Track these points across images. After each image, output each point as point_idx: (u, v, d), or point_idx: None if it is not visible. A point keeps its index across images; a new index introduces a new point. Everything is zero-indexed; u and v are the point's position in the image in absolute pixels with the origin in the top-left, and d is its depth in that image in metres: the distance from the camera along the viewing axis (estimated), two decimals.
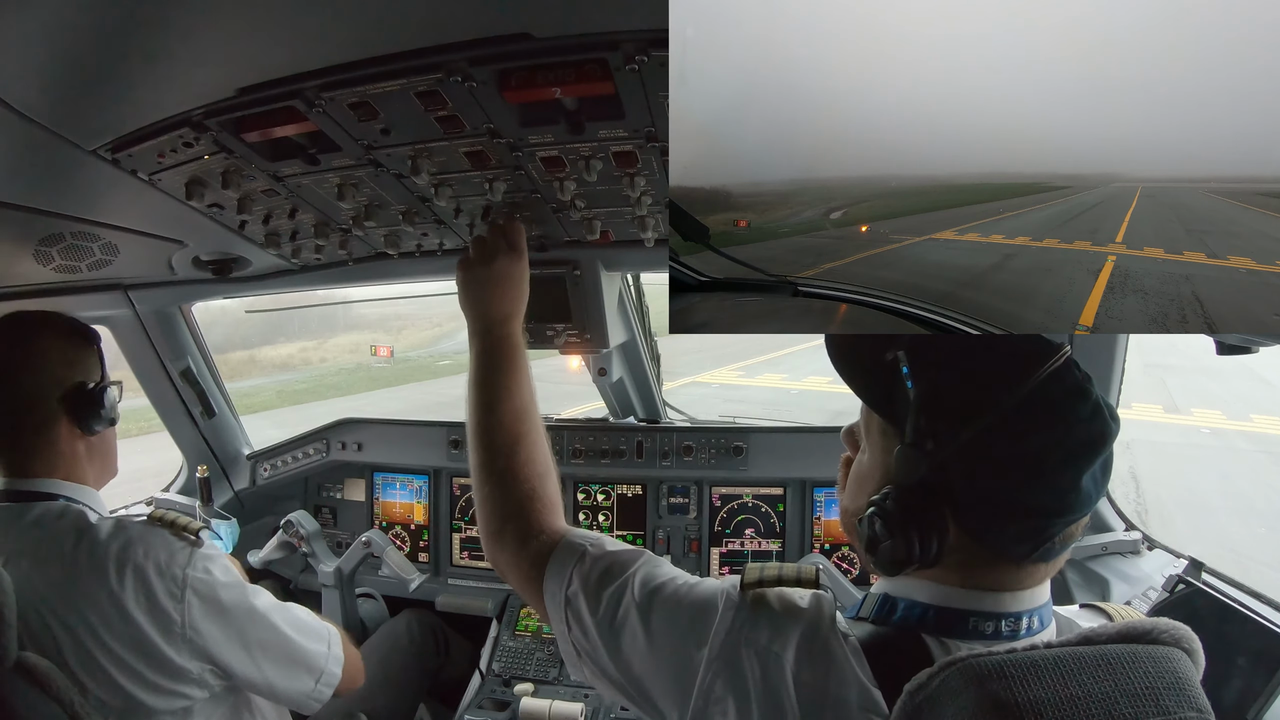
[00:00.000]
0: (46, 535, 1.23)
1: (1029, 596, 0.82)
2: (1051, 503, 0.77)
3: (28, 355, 1.31)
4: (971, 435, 0.78)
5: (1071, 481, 0.77)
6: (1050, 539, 0.79)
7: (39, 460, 1.32)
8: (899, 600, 0.85)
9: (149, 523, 1.28)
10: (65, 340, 1.37)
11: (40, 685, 0.98)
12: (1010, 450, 0.78)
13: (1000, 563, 0.81)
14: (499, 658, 2.29)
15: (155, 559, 1.22)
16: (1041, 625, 0.83)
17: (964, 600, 0.82)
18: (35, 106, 0.94)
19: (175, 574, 1.22)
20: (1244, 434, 10.98)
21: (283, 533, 2.26)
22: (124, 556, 1.20)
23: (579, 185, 1.31)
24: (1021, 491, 0.78)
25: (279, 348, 19.88)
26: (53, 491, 1.32)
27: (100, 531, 1.23)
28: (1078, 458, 0.77)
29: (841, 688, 0.77)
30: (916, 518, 0.81)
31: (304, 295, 2.36)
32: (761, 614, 0.84)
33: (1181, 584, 1.57)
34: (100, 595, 1.17)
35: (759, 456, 2.36)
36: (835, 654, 0.79)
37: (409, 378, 16.80)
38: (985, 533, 0.80)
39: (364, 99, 0.99)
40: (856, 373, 0.92)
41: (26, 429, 1.31)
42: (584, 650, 0.96)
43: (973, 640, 0.81)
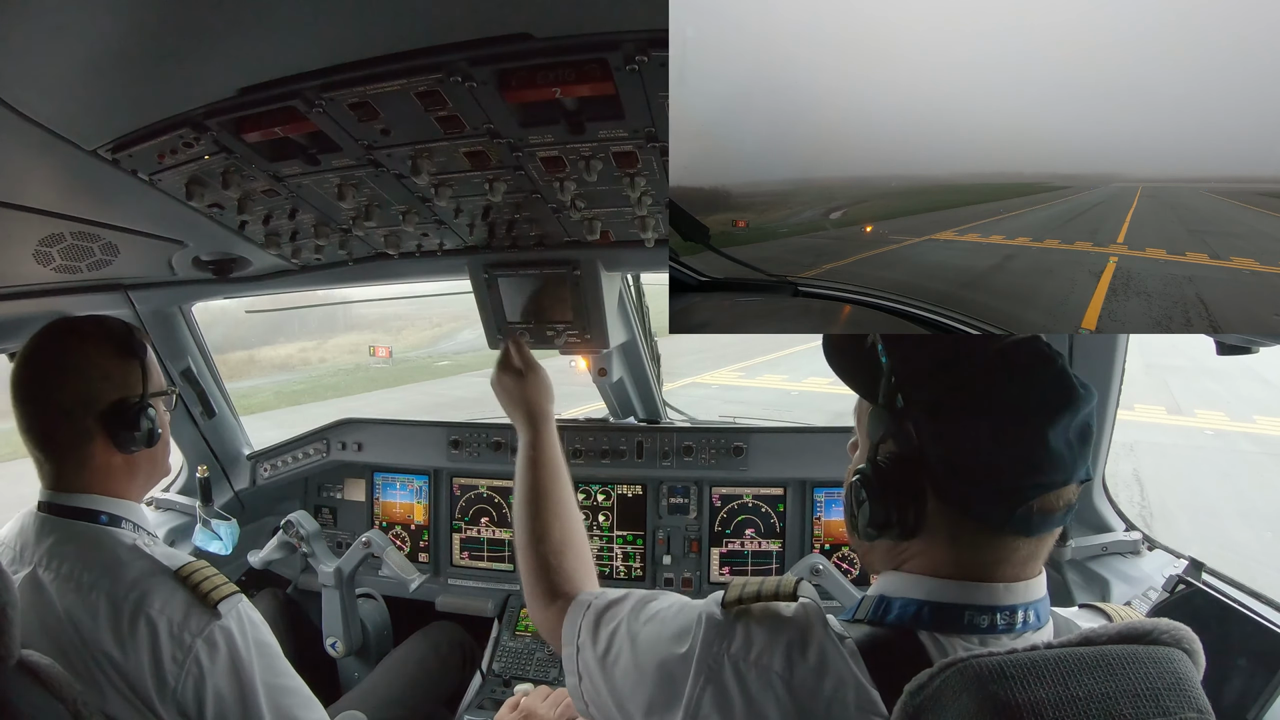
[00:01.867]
0: (73, 561, 1.20)
1: (1023, 590, 0.82)
2: (1017, 463, 0.78)
3: (65, 369, 1.26)
4: (938, 397, 0.81)
5: (1036, 439, 0.77)
6: (1023, 504, 0.78)
7: (76, 475, 1.28)
8: (894, 600, 0.85)
9: (176, 576, 1.21)
10: (106, 353, 1.30)
11: (43, 684, 0.98)
12: (975, 409, 0.80)
13: (983, 537, 0.81)
14: (499, 658, 2.29)
15: (169, 617, 1.17)
16: (1038, 620, 0.83)
17: (957, 594, 0.82)
18: (36, 107, 0.94)
19: (184, 640, 1.16)
20: (1247, 435, 10.95)
21: (283, 533, 2.27)
22: (139, 606, 1.16)
23: (579, 185, 1.31)
24: (987, 452, 0.79)
25: (278, 348, 19.83)
26: (92, 507, 1.28)
27: (126, 572, 1.19)
28: (1041, 416, 0.78)
29: (838, 690, 0.78)
30: (894, 482, 0.83)
31: (304, 295, 2.36)
32: (745, 629, 0.85)
33: (1182, 584, 1.57)
34: (105, 635, 1.14)
35: (759, 457, 2.36)
36: (829, 656, 0.80)
37: (407, 378, 16.79)
38: (957, 496, 0.81)
39: (364, 99, 0.99)
40: (844, 362, 0.94)
41: (63, 444, 1.27)
42: (590, 696, 1.01)
43: (967, 634, 0.81)
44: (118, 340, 1.32)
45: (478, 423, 2.60)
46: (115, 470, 1.31)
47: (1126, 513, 1.96)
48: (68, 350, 1.28)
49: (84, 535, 1.25)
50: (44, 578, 1.20)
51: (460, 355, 19.32)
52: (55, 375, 1.27)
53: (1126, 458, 9.55)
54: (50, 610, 1.17)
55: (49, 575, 1.20)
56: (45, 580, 1.19)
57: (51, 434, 1.27)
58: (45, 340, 1.30)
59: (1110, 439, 1.89)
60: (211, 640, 1.18)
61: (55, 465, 1.28)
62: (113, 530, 1.27)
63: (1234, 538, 7.28)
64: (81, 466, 1.28)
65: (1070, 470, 0.79)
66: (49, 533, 1.24)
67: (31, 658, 0.99)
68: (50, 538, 1.24)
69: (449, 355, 19.89)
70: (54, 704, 0.97)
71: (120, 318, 1.40)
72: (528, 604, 1.25)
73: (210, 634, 1.18)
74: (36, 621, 1.15)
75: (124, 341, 1.32)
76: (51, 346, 1.29)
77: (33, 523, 1.27)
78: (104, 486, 1.30)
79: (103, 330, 1.32)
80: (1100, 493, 1.95)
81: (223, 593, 1.21)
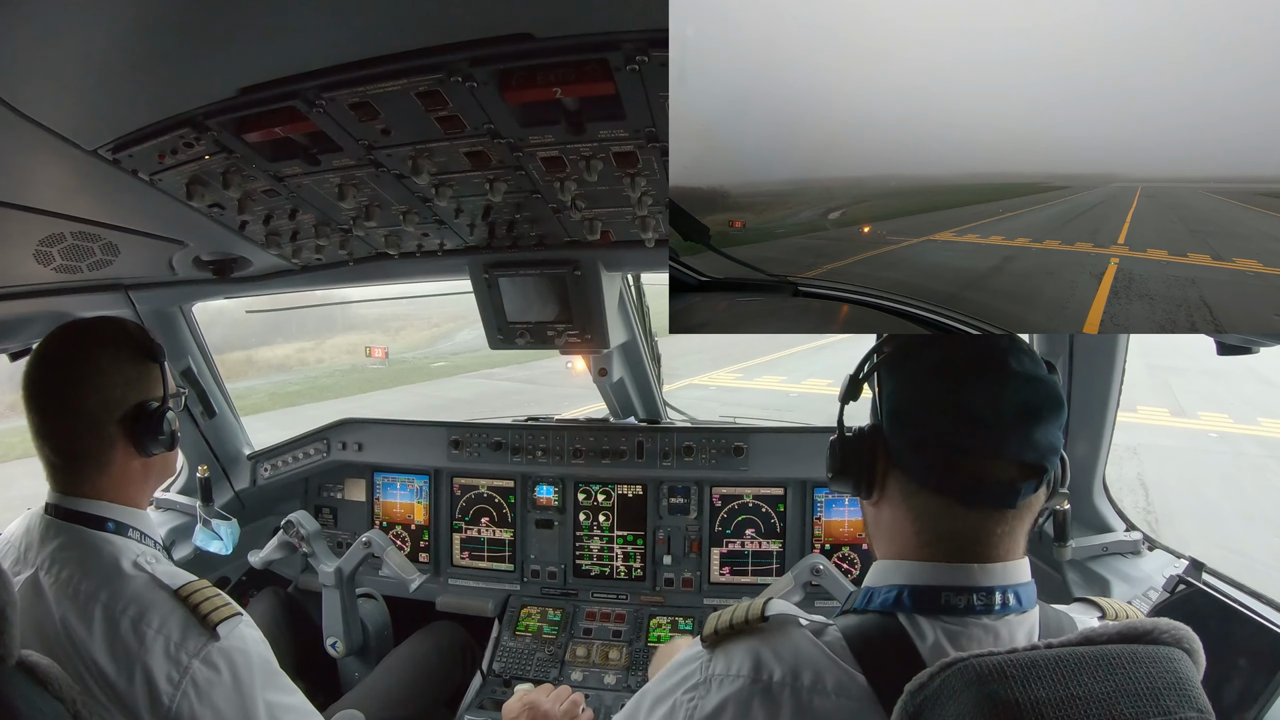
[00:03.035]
0: (74, 568, 1.20)
1: (999, 571, 0.84)
2: (941, 424, 0.84)
3: (86, 373, 1.24)
4: (891, 363, 0.90)
5: (958, 402, 0.82)
6: (951, 468, 0.83)
7: (90, 483, 1.27)
8: (877, 589, 0.88)
9: (176, 595, 1.20)
10: (127, 356, 1.27)
11: (43, 684, 0.97)
12: (914, 373, 0.88)
13: (934, 505, 0.86)
14: (499, 658, 2.29)
15: (167, 636, 1.16)
16: (1019, 604, 0.84)
17: (932, 575, 0.85)
18: (36, 107, 0.94)
19: (181, 660, 1.15)
20: (1252, 438, 10.76)
21: (283, 533, 2.26)
22: (136, 623, 1.15)
23: (579, 185, 1.31)
24: (919, 412, 0.86)
25: (276, 348, 19.68)
26: (100, 514, 1.27)
27: (126, 587, 1.18)
28: (965, 379, 0.83)
29: (817, 681, 0.81)
30: (854, 442, 0.93)
31: (304, 295, 2.36)
32: (723, 655, 0.89)
33: (1182, 584, 1.57)
34: (99, 647, 1.14)
35: (759, 456, 2.36)
36: (803, 651, 0.84)
37: (403, 380, 16.58)
38: (899, 458, 0.88)
39: (365, 99, 0.99)
40: None
41: (84, 452, 1.25)
42: None
43: (945, 615, 0.82)
44: (137, 343, 1.30)
45: (478, 423, 2.61)
46: (133, 475, 1.30)
47: (1132, 518, 1.95)
48: (88, 353, 1.25)
49: (88, 542, 1.23)
50: (44, 582, 1.19)
51: (457, 356, 19.19)
52: (76, 379, 1.24)
53: (1130, 461, 9.42)
54: (48, 616, 1.16)
55: (49, 580, 1.19)
56: (45, 585, 1.18)
57: (72, 438, 1.25)
58: (64, 342, 1.27)
59: (1110, 440, 1.89)
60: (210, 662, 1.16)
61: (72, 469, 1.26)
62: (117, 539, 1.26)
63: (1242, 543, 7.15)
64: (100, 472, 1.26)
65: (1000, 442, 0.82)
66: (54, 536, 1.23)
67: (31, 658, 0.99)
68: (55, 541, 1.23)
69: (445, 356, 19.74)
70: (54, 704, 0.97)
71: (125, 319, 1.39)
72: None
73: (208, 655, 1.16)
74: (34, 626, 1.14)
75: (143, 344, 1.30)
76: (71, 349, 1.26)
77: (39, 525, 1.26)
78: (116, 492, 1.29)
79: (123, 333, 1.30)
80: (1100, 493, 1.95)
81: (222, 614, 1.19)
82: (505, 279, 1.87)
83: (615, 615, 2.37)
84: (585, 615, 2.38)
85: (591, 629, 2.34)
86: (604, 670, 2.21)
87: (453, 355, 19.62)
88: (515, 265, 1.84)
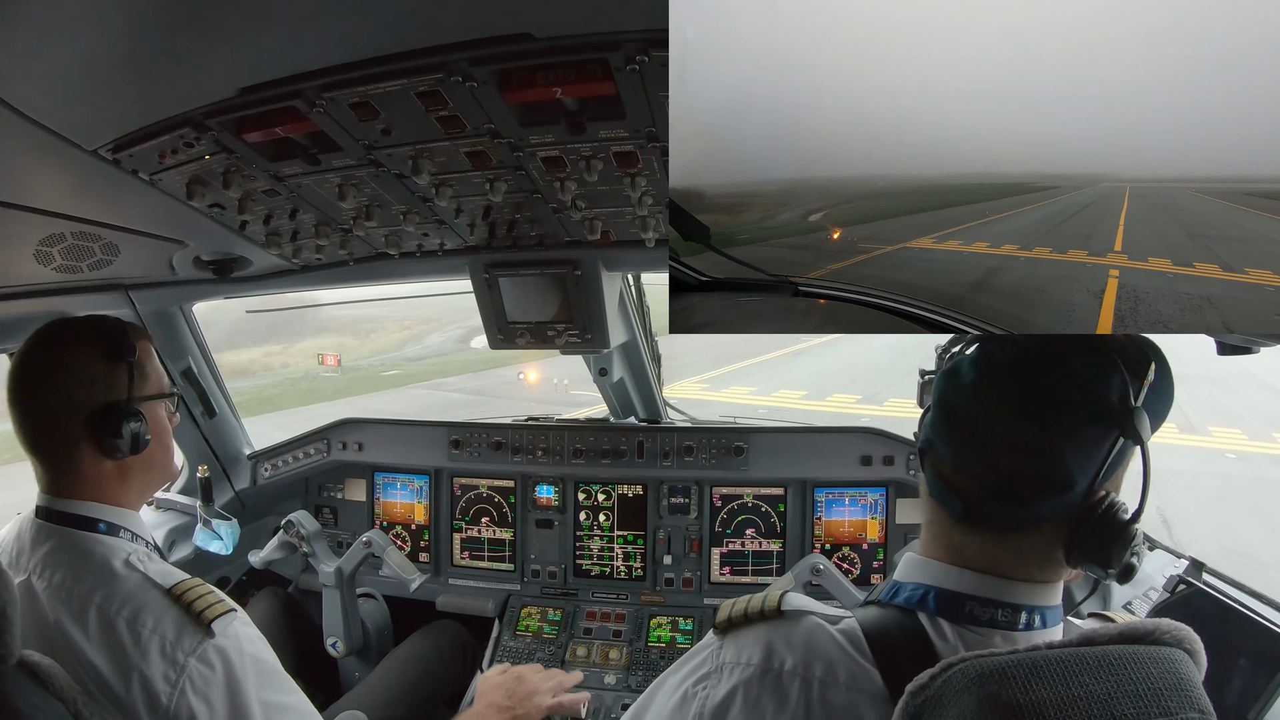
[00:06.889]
0: (66, 571, 1.19)
1: (1027, 591, 0.83)
2: (949, 449, 0.84)
3: (55, 371, 1.23)
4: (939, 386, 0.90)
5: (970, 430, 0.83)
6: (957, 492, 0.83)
7: (69, 482, 1.26)
8: (904, 585, 0.88)
9: (169, 595, 1.19)
10: (95, 356, 1.25)
11: (43, 684, 0.97)
12: (942, 400, 0.87)
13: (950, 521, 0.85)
14: (499, 657, 2.29)
15: (162, 635, 1.15)
16: (1044, 624, 0.84)
17: (958, 582, 0.84)
18: (36, 107, 0.94)
19: (177, 659, 1.14)
20: (1272, 458, 9.67)
21: (283, 533, 2.26)
22: (131, 623, 1.15)
23: (580, 185, 1.31)
24: (939, 436, 0.86)
25: (241, 353, 18.50)
26: (89, 515, 1.26)
27: (118, 588, 1.18)
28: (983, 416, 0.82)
29: (829, 671, 0.81)
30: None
31: (304, 295, 2.36)
32: (734, 642, 0.89)
33: (1182, 584, 1.57)
34: (96, 649, 1.13)
35: (759, 456, 2.36)
36: (817, 642, 0.83)
37: (349, 390, 14.91)
38: (927, 475, 0.88)
39: (365, 99, 0.99)
40: None
41: (53, 449, 1.25)
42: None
43: (967, 625, 0.82)
44: (108, 342, 1.28)
45: (478, 423, 2.61)
46: (107, 477, 1.28)
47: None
48: (60, 352, 1.25)
49: (79, 545, 1.22)
50: (37, 586, 1.18)
51: (413, 363, 18.17)
52: (46, 378, 1.24)
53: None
54: (43, 621, 1.15)
55: (41, 584, 1.18)
56: (38, 589, 1.18)
57: (41, 438, 1.25)
58: (39, 341, 1.27)
59: None
60: (205, 660, 1.15)
61: (49, 470, 1.26)
62: (108, 540, 1.25)
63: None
64: (73, 472, 1.25)
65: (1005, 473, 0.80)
66: (44, 540, 1.23)
67: (32, 658, 0.99)
68: (45, 545, 1.22)
69: (399, 363, 18.54)
70: (55, 704, 0.97)
71: (119, 317, 1.37)
72: None
73: (204, 653, 1.15)
74: (30, 631, 1.14)
75: (114, 343, 1.28)
76: (45, 348, 1.26)
77: (30, 529, 1.25)
78: (98, 493, 1.27)
79: (94, 331, 1.28)
80: None
81: (216, 611, 1.18)
82: (506, 279, 1.87)
83: (615, 615, 2.37)
84: (585, 615, 2.38)
85: (592, 629, 2.34)
86: (604, 670, 2.21)
87: (409, 362, 18.51)
88: (515, 265, 1.84)
